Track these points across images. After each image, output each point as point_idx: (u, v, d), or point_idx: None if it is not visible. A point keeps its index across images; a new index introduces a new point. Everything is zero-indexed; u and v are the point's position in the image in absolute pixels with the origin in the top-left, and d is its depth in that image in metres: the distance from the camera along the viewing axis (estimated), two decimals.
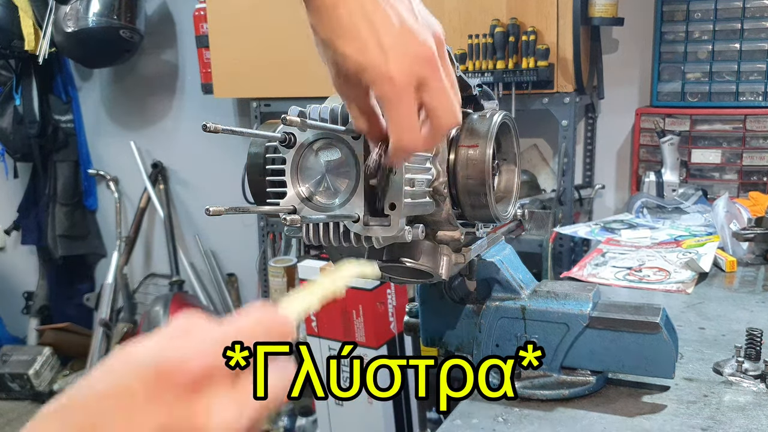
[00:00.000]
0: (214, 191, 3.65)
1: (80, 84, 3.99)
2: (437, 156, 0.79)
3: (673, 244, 1.65)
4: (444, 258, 0.83)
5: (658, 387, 0.94)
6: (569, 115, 2.39)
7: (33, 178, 4.09)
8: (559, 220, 2.46)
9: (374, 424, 2.38)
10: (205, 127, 0.58)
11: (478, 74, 2.38)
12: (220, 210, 0.61)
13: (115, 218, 3.95)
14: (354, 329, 2.35)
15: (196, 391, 0.39)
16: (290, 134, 0.74)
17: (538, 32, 2.34)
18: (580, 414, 0.89)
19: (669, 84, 2.56)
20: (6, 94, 3.83)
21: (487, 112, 0.84)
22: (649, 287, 1.40)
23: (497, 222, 0.85)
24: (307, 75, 2.73)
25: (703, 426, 0.85)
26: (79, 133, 3.98)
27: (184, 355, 0.39)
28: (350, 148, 0.73)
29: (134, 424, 0.37)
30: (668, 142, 2.30)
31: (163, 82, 3.73)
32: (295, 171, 0.75)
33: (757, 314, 1.25)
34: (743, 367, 0.96)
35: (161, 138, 3.81)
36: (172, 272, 3.75)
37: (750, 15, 2.40)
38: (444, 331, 1.00)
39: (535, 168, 2.87)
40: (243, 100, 3.42)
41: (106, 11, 3.24)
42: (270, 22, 2.84)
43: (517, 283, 0.94)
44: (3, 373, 3.71)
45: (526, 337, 0.93)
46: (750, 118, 2.39)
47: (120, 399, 0.37)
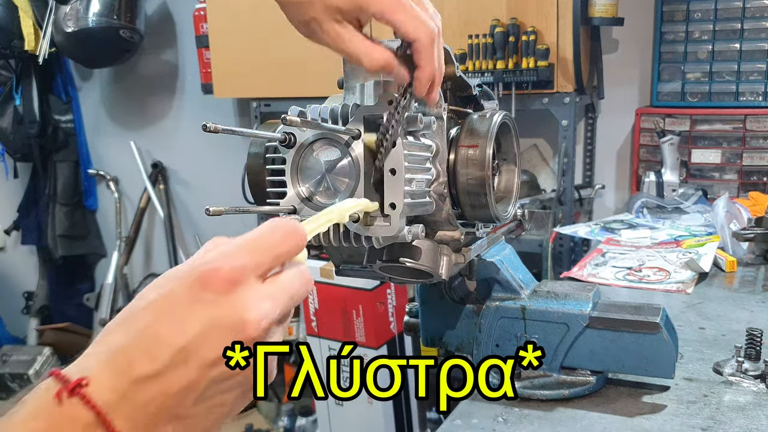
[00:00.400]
0: (214, 191, 3.65)
1: (80, 84, 3.99)
2: (437, 156, 0.79)
3: (673, 244, 1.65)
4: (444, 258, 0.83)
5: (658, 387, 0.94)
6: (569, 115, 2.39)
7: (33, 178, 4.09)
8: (559, 220, 2.46)
9: (374, 424, 2.38)
10: (205, 127, 0.58)
11: (478, 74, 2.38)
12: (220, 210, 0.61)
13: (115, 218, 3.95)
14: (354, 329, 2.35)
15: (231, 291, 0.44)
16: (290, 134, 0.74)
17: (538, 32, 2.34)
18: (580, 414, 0.89)
19: (669, 84, 2.56)
20: (6, 94, 3.83)
21: (487, 112, 0.84)
22: (649, 287, 1.40)
23: (497, 222, 0.85)
24: (307, 75, 2.73)
25: (703, 426, 0.85)
26: (79, 133, 3.98)
27: (215, 262, 0.45)
28: (350, 148, 0.73)
29: (184, 323, 0.43)
30: (668, 142, 2.30)
31: (163, 82, 3.73)
32: (295, 171, 0.75)
33: (757, 314, 1.25)
34: (743, 367, 0.96)
35: (161, 138, 3.81)
36: None
37: (750, 15, 2.40)
38: (444, 331, 1.00)
39: (535, 168, 2.87)
40: (243, 100, 3.42)
41: (106, 11, 3.24)
42: (270, 22, 2.84)
43: (517, 283, 0.94)
44: (3, 373, 3.71)
45: (526, 337, 0.93)
46: (750, 118, 2.39)
47: (169, 304, 0.44)
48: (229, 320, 0.44)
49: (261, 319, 0.45)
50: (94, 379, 0.42)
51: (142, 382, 0.42)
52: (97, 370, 0.42)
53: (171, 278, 0.46)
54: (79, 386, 0.41)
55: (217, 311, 0.44)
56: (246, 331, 0.44)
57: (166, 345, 0.43)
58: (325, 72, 1.58)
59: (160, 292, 0.45)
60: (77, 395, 0.41)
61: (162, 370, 0.42)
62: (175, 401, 0.43)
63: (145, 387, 0.42)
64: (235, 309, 0.44)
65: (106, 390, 0.41)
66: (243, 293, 0.45)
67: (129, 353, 0.43)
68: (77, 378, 0.41)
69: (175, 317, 0.44)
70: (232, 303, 0.44)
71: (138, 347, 0.43)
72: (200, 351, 0.43)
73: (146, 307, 0.45)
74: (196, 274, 0.45)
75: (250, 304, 0.45)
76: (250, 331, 0.44)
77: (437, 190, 0.79)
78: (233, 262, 0.45)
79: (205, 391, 0.44)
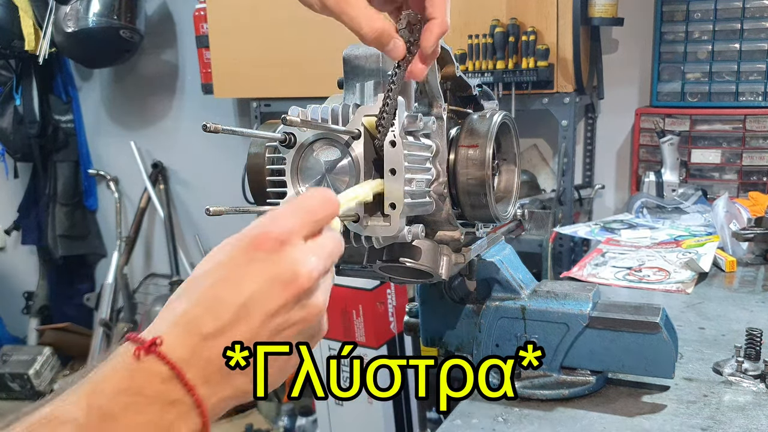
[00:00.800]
0: (214, 191, 3.65)
1: (80, 84, 3.99)
2: (437, 156, 0.79)
3: (673, 244, 1.65)
4: (444, 258, 0.83)
5: (658, 387, 0.94)
6: (569, 115, 2.39)
7: (33, 178, 4.09)
8: (559, 220, 2.46)
9: (374, 424, 2.38)
10: (205, 127, 0.58)
11: (478, 74, 2.38)
12: (220, 210, 0.61)
13: (115, 218, 3.95)
14: (354, 329, 2.35)
15: (281, 249, 0.51)
16: (290, 134, 0.74)
17: (538, 32, 2.34)
18: (580, 414, 0.89)
19: (669, 84, 2.56)
20: (6, 94, 3.83)
21: (487, 112, 0.84)
22: (649, 287, 1.40)
23: (497, 222, 0.85)
24: (307, 75, 2.73)
25: (703, 426, 0.85)
26: (79, 133, 3.98)
27: (264, 226, 0.52)
28: (350, 148, 0.73)
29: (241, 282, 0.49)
30: (668, 142, 2.29)
31: (163, 82, 3.73)
32: (295, 171, 0.75)
33: (757, 314, 1.25)
34: (743, 367, 0.96)
35: (161, 138, 3.81)
36: (172, 272, 3.75)
37: (750, 15, 2.40)
38: (444, 331, 1.00)
39: (535, 168, 2.87)
40: (243, 100, 3.42)
41: (106, 11, 3.24)
42: (270, 22, 2.84)
43: (517, 283, 0.94)
44: (3, 373, 3.71)
45: (526, 337, 0.93)
46: (750, 118, 2.39)
47: (225, 267, 0.50)
48: (283, 274, 0.50)
49: (311, 270, 0.51)
50: (166, 339, 0.47)
51: (210, 338, 0.48)
52: (168, 331, 0.48)
53: (224, 246, 0.52)
54: (154, 345, 0.47)
55: (271, 267, 0.50)
56: (299, 281, 0.50)
57: (228, 303, 0.48)
58: (325, 72, 1.58)
59: (216, 259, 0.51)
60: (153, 353, 0.46)
61: (226, 326, 0.48)
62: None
63: (212, 342, 0.48)
64: (288, 264, 0.50)
65: (178, 347, 0.47)
66: (291, 251, 0.51)
67: (195, 315, 0.48)
68: (151, 338, 0.47)
69: (233, 277, 0.49)
70: (284, 259, 0.50)
71: (202, 308, 0.49)
72: (260, 304, 0.49)
73: (204, 274, 0.50)
74: (248, 238, 0.51)
75: (299, 259, 0.51)
76: (303, 281, 0.51)
77: (437, 190, 0.79)
78: (281, 225, 0.52)
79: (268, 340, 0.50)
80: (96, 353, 3.56)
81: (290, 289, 0.50)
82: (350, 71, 0.79)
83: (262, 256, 0.50)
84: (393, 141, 0.71)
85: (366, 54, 0.78)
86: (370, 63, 0.77)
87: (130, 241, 3.85)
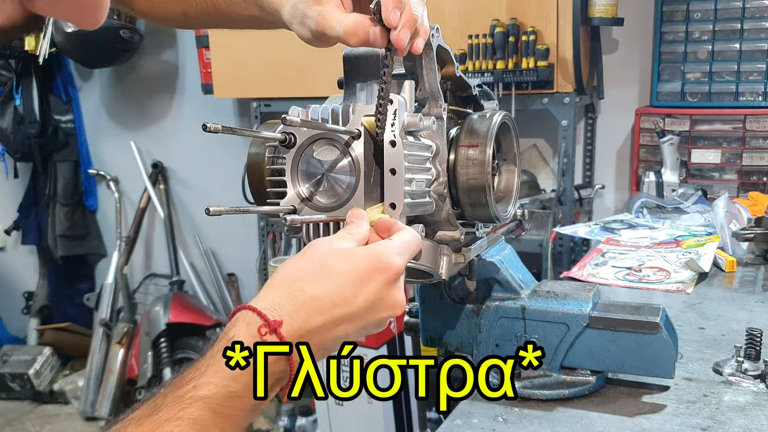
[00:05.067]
0: (214, 191, 3.65)
1: (80, 84, 3.99)
2: (437, 156, 0.79)
3: (673, 244, 1.65)
4: (444, 258, 0.83)
5: (658, 387, 0.94)
6: (569, 115, 2.39)
7: (33, 178, 4.09)
8: (559, 220, 2.46)
9: (374, 424, 2.38)
10: (206, 127, 0.58)
11: (478, 74, 2.38)
12: (220, 210, 0.61)
13: (115, 218, 3.95)
14: None
15: (395, 282, 0.66)
16: (290, 134, 0.74)
17: (538, 32, 2.34)
18: (580, 414, 0.89)
19: (669, 84, 2.56)
20: (6, 94, 3.82)
21: (487, 112, 0.84)
22: (649, 287, 1.40)
23: (497, 222, 0.85)
24: (307, 75, 2.73)
25: (703, 426, 0.85)
26: (79, 133, 3.98)
27: (392, 257, 0.66)
28: (350, 148, 0.73)
29: (360, 292, 0.63)
30: (668, 142, 2.29)
31: (163, 82, 3.73)
32: (295, 171, 0.75)
33: (757, 314, 1.25)
34: (743, 367, 0.96)
35: (161, 138, 3.81)
36: (172, 272, 3.74)
37: (750, 15, 2.40)
38: (444, 331, 1.00)
39: (535, 168, 2.87)
40: (243, 100, 3.42)
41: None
42: None
43: (517, 283, 0.94)
44: (3, 373, 3.71)
45: (526, 337, 0.93)
46: (750, 118, 2.39)
47: (355, 275, 0.63)
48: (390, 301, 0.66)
49: (404, 306, 0.68)
50: (285, 322, 0.60)
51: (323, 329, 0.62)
52: (289, 315, 0.61)
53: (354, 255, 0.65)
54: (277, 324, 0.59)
55: (385, 292, 0.65)
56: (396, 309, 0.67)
57: (347, 305, 0.63)
58: (325, 72, 1.58)
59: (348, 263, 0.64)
60: (274, 332, 0.59)
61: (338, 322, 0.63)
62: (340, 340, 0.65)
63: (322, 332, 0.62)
64: (396, 295, 0.66)
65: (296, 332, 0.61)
66: (400, 284, 0.67)
67: (319, 305, 0.62)
68: (274, 320, 0.60)
69: (357, 285, 0.63)
70: (396, 290, 0.66)
71: (327, 301, 0.62)
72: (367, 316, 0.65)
73: (336, 272, 0.63)
74: (377, 262, 0.64)
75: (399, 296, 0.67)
76: (398, 310, 0.67)
77: (437, 190, 0.79)
78: (401, 262, 0.66)
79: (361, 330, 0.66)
80: (96, 353, 3.56)
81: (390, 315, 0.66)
82: (350, 71, 0.79)
83: (380, 281, 0.64)
84: (393, 141, 0.71)
85: (366, 54, 0.78)
86: (370, 63, 0.77)
87: (130, 241, 3.84)
